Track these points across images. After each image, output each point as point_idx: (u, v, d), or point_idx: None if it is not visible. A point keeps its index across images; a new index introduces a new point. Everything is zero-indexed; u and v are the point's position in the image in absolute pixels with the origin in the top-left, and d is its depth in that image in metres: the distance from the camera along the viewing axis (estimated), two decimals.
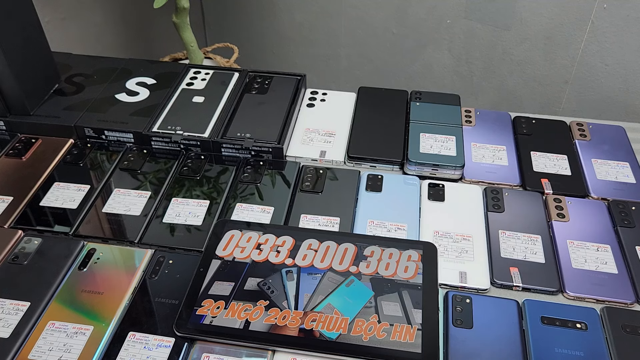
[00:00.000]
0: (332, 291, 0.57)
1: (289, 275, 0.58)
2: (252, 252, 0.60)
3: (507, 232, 0.65)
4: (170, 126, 0.77)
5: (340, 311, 0.55)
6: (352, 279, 0.58)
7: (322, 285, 0.57)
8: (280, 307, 0.55)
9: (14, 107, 0.78)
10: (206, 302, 0.56)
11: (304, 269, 0.59)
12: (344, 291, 0.57)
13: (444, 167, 0.73)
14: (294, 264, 0.59)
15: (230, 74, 0.88)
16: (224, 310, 0.55)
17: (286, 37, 1.56)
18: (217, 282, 0.58)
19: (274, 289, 0.57)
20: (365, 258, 0.60)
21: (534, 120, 0.82)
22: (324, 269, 0.59)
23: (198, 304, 0.56)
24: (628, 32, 1.20)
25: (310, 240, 0.61)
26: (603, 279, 0.60)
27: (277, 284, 0.57)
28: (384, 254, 0.60)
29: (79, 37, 1.24)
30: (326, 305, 0.55)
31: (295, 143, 0.78)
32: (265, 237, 0.62)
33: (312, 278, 0.58)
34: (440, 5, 1.34)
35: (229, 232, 0.62)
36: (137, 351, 0.53)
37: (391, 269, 0.58)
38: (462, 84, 1.45)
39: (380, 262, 0.59)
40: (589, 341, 0.54)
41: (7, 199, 0.68)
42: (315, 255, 0.60)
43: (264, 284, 0.57)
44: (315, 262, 0.59)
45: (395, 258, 0.59)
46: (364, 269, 0.58)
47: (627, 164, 0.75)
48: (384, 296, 0.56)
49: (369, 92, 0.87)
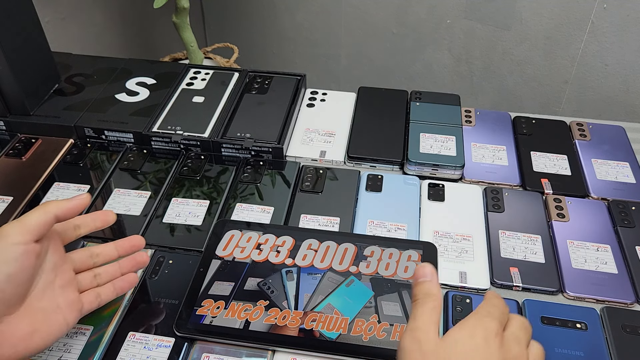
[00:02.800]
0: (332, 291, 0.57)
1: (289, 275, 0.58)
2: (252, 252, 0.60)
3: (507, 232, 0.65)
4: (170, 126, 0.77)
5: (340, 311, 0.55)
6: (352, 279, 0.58)
7: (322, 285, 0.57)
8: (280, 307, 0.55)
9: (14, 107, 0.78)
10: (206, 302, 0.56)
11: (304, 269, 0.59)
12: (344, 291, 0.56)
13: (444, 167, 0.73)
14: (294, 264, 0.59)
15: (230, 74, 0.88)
16: (224, 310, 0.55)
17: (286, 37, 1.56)
18: (217, 282, 0.57)
19: (274, 289, 0.57)
20: (365, 258, 0.60)
21: (534, 120, 0.82)
22: (324, 268, 0.59)
23: (198, 304, 0.56)
24: (628, 32, 1.20)
25: (310, 240, 0.61)
26: (603, 279, 0.60)
27: (277, 284, 0.57)
28: (384, 254, 0.60)
29: (79, 37, 1.24)
30: (326, 305, 0.55)
31: (295, 143, 0.78)
32: (265, 237, 0.62)
33: (312, 278, 0.58)
34: (440, 5, 1.34)
35: (229, 232, 0.62)
36: (137, 351, 0.53)
37: (391, 269, 0.58)
38: (462, 84, 1.45)
39: (380, 262, 0.59)
40: (589, 341, 0.54)
41: (7, 199, 0.68)
42: (315, 255, 0.60)
43: (264, 284, 0.57)
44: (315, 262, 0.59)
45: (395, 258, 0.59)
46: (364, 269, 0.58)
47: (627, 164, 0.75)
48: (384, 296, 0.56)
49: (369, 92, 0.87)
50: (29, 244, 0.44)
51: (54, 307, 0.46)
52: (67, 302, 0.48)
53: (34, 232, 0.44)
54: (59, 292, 0.47)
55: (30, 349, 0.44)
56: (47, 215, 0.45)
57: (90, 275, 0.52)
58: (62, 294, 0.48)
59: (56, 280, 0.48)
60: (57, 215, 0.46)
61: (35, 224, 0.44)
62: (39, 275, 0.46)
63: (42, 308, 0.46)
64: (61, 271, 0.48)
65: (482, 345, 0.35)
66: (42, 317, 0.45)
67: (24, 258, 0.43)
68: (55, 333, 0.46)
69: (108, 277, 0.53)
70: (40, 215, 0.45)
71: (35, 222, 0.44)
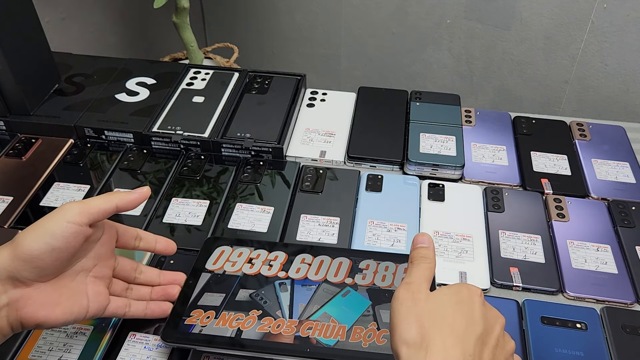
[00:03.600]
0: (327, 301, 0.54)
1: (282, 287, 0.56)
2: (244, 265, 0.58)
3: (507, 232, 0.65)
4: (170, 126, 0.77)
5: (337, 319, 0.52)
6: (348, 290, 0.55)
7: (317, 295, 0.54)
8: (274, 316, 0.52)
9: (14, 107, 0.78)
10: (195, 312, 0.53)
11: (297, 281, 0.56)
12: (341, 301, 0.54)
13: (444, 167, 0.73)
14: (287, 277, 0.57)
15: (230, 74, 0.88)
16: (214, 319, 0.52)
17: (286, 37, 1.56)
18: (207, 293, 0.55)
19: (266, 300, 0.54)
20: (360, 271, 0.57)
21: (534, 120, 0.82)
22: (318, 280, 0.56)
23: (187, 314, 0.53)
24: (628, 32, 1.20)
25: (303, 255, 0.59)
26: (603, 279, 0.60)
27: (270, 295, 0.55)
28: (379, 267, 0.57)
29: (79, 37, 1.24)
30: (322, 314, 0.53)
31: (295, 143, 0.78)
32: (257, 252, 0.59)
33: (307, 289, 0.55)
34: (440, 5, 1.34)
35: (219, 248, 0.60)
36: (137, 351, 0.53)
37: (388, 280, 0.56)
38: (462, 84, 1.45)
39: (377, 274, 0.57)
40: (589, 341, 0.54)
41: (7, 199, 0.68)
42: (309, 268, 0.57)
43: (257, 295, 0.55)
44: (310, 274, 0.57)
45: (391, 270, 0.57)
46: (360, 281, 0.56)
47: (627, 164, 0.75)
48: (382, 305, 0.54)
49: (369, 92, 0.87)
50: (82, 226, 0.45)
51: (81, 291, 0.48)
52: (95, 292, 0.49)
53: (91, 216, 0.46)
54: (90, 280, 0.49)
55: (48, 320, 0.45)
56: (108, 203, 0.47)
57: (124, 285, 0.53)
58: (93, 283, 0.49)
59: (93, 269, 0.49)
60: (118, 205, 0.48)
61: (96, 209, 0.46)
62: (80, 257, 0.48)
63: (71, 287, 0.47)
64: (102, 265, 0.50)
65: (466, 299, 0.40)
66: (68, 295, 0.47)
67: (72, 237, 0.45)
68: (75, 314, 0.47)
69: (137, 296, 0.54)
70: (103, 203, 0.47)
71: (96, 206, 0.46)
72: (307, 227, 0.66)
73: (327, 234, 0.65)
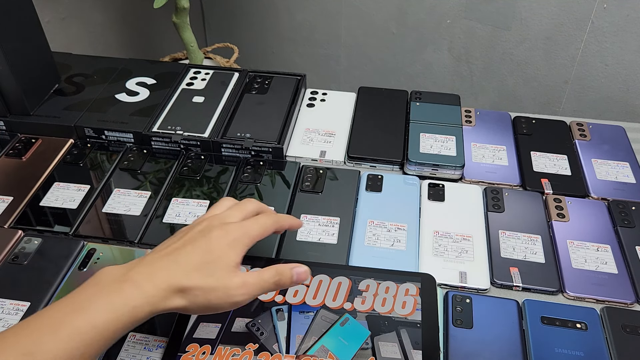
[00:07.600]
0: (325, 332, 0.53)
1: (279, 315, 0.54)
2: None
3: (507, 232, 0.65)
4: (170, 126, 0.77)
5: (334, 354, 0.51)
6: (347, 317, 0.54)
7: (315, 325, 0.54)
8: (270, 350, 0.51)
9: (14, 107, 0.78)
10: (191, 346, 0.52)
11: (295, 307, 0.55)
12: (339, 331, 0.53)
13: (444, 167, 0.73)
14: (284, 301, 0.56)
15: (230, 74, 0.88)
16: (210, 355, 0.51)
17: (286, 37, 1.56)
18: (202, 323, 0.54)
19: (263, 330, 0.53)
20: (360, 293, 0.56)
21: (534, 120, 0.82)
22: (316, 306, 0.55)
23: (182, 349, 0.52)
24: (628, 32, 1.20)
25: None
26: (603, 279, 0.60)
27: (267, 324, 0.54)
28: (379, 288, 0.57)
29: (79, 37, 1.24)
30: (320, 347, 0.52)
31: (295, 143, 0.78)
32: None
33: (304, 317, 0.54)
34: (440, 5, 1.34)
35: None
36: (137, 351, 0.53)
37: (388, 305, 0.55)
38: (462, 84, 1.45)
39: (377, 297, 0.56)
40: (589, 341, 0.54)
41: (7, 199, 0.68)
42: (307, 290, 0.56)
43: (253, 325, 0.54)
44: (307, 298, 0.56)
45: (392, 292, 0.56)
46: (359, 305, 0.55)
47: (627, 164, 0.75)
48: (381, 336, 0.53)
49: (369, 92, 0.87)
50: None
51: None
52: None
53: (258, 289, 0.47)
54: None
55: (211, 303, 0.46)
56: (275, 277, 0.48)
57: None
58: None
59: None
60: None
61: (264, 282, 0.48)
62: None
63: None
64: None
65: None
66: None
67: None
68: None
69: None
70: (270, 276, 0.48)
71: (265, 281, 0.48)
72: (307, 227, 0.66)
73: (327, 234, 0.65)
